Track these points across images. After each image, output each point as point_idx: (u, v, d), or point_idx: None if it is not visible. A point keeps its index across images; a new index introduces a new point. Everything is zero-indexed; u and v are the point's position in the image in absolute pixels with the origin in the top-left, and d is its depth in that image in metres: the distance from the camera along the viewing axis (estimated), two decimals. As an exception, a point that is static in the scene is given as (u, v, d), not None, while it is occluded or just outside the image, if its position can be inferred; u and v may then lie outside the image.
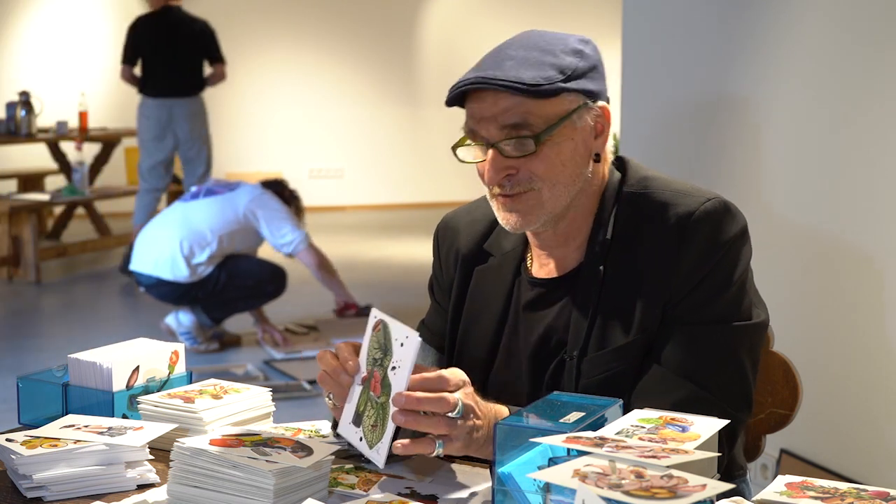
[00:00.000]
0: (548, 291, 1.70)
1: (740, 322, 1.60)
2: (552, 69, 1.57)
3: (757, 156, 3.55)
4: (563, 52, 1.60)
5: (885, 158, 3.01)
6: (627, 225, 1.65)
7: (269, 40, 11.01)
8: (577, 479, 1.15)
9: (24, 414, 1.82)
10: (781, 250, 3.41)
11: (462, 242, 1.81)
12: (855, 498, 1.29)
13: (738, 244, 1.61)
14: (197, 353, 5.44)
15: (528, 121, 1.56)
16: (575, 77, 1.59)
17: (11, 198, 7.79)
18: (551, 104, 1.57)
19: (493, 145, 1.59)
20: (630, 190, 1.67)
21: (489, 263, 1.77)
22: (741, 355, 1.60)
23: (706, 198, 1.62)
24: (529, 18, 11.60)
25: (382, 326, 1.45)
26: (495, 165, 1.59)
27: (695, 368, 1.58)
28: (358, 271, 7.81)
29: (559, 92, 1.57)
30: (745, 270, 1.63)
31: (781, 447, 3.36)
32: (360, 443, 1.45)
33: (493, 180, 1.60)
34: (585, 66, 1.61)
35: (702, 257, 1.59)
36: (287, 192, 5.61)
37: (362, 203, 11.30)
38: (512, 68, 1.57)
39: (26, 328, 6.17)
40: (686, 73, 3.94)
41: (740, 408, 1.60)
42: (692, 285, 1.59)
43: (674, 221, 1.60)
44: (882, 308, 3.04)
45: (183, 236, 5.29)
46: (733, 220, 1.62)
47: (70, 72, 10.27)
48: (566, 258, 1.70)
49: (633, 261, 1.62)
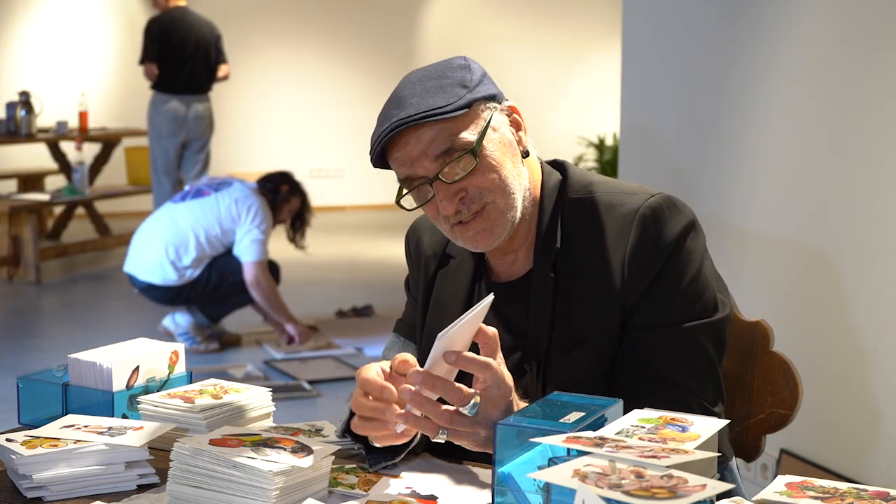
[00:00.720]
0: (502, 295, 1.70)
1: (704, 320, 1.61)
2: (455, 86, 1.60)
3: (757, 155, 3.55)
4: (452, 71, 1.62)
5: (886, 159, 3.01)
6: (575, 230, 1.66)
7: (270, 40, 11.01)
8: (577, 479, 1.15)
9: (24, 414, 1.82)
10: (781, 250, 3.41)
11: (425, 245, 1.84)
12: (855, 498, 1.28)
13: (685, 238, 1.62)
14: (196, 353, 5.44)
15: (456, 142, 1.58)
16: (475, 86, 1.61)
17: (11, 198, 7.78)
18: (469, 118, 1.60)
19: (435, 178, 1.60)
20: (575, 196, 1.69)
21: (450, 266, 1.79)
22: (709, 352, 1.61)
23: (650, 194, 1.64)
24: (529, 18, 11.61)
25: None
26: (446, 195, 1.60)
27: (667, 371, 1.59)
28: (358, 271, 7.82)
29: (471, 103, 1.60)
30: (701, 262, 1.63)
31: (781, 447, 3.36)
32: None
33: (451, 209, 1.60)
34: (478, 76, 1.63)
35: (650, 253, 1.60)
36: (286, 188, 5.58)
37: (362, 203, 11.30)
38: (420, 102, 1.58)
39: (26, 328, 6.17)
40: (686, 73, 3.94)
41: (716, 402, 1.62)
42: (646, 284, 1.60)
43: (620, 221, 1.62)
44: (882, 308, 3.04)
45: (168, 241, 5.30)
46: (679, 214, 1.62)
47: (70, 72, 10.27)
48: (515, 263, 1.72)
49: (583, 264, 1.64)
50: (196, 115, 7.44)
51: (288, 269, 6.46)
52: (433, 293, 1.81)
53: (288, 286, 6.38)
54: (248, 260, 5.34)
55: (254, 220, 5.34)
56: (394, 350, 1.85)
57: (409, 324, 1.89)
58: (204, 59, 7.41)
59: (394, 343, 1.88)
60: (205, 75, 7.44)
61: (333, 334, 5.84)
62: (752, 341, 1.88)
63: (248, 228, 5.33)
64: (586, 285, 1.63)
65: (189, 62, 7.34)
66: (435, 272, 1.81)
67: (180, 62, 7.33)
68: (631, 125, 4.24)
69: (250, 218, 5.34)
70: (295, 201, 5.63)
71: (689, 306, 1.60)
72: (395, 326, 1.92)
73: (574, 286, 1.64)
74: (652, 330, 1.60)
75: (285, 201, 5.58)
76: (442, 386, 1.40)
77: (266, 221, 5.39)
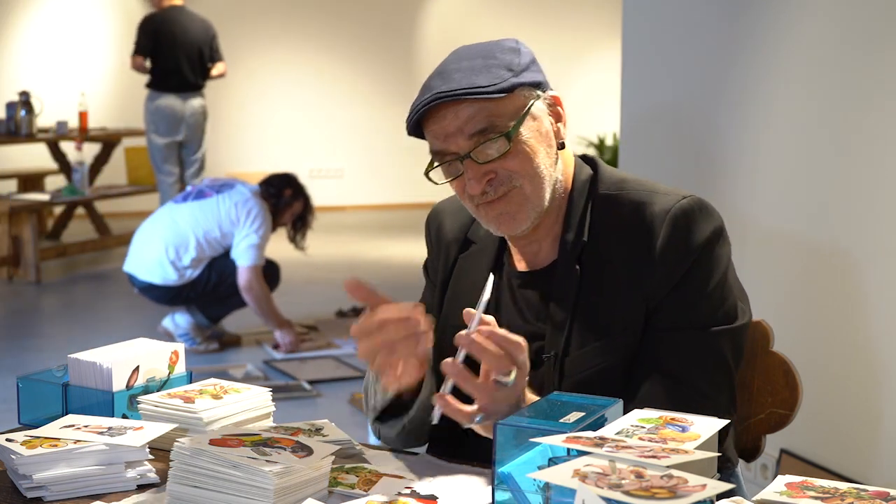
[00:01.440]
0: (523, 284, 1.71)
1: (724, 326, 1.61)
2: (500, 68, 1.60)
3: (757, 155, 3.55)
4: (502, 53, 1.62)
5: (886, 158, 3.01)
6: (603, 225, 1.66)
7: (270, 40, 11.01)
8: (577, 479, 1.15)
9: (24, 414, 1.82)
10: (781, 250, 3.41)
11: (447, 230, 1.83)
12: (855, 498, 1.28)
13: (714, 243, 1.62)
14: (196, 353, 5.45)
15: (494, 123, 1.58)
16: (522, 71, 1.61)
17: (11, 198, 7.79)
18: (510, 101, 1.60)
19: (466, 156, 1.59)
20: (605, 191, 1.68)
21: (471, 251, 1.79)
22: (727, 358, 1.62)
23: (682, 196, 1.64)
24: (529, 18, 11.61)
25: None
26: (475, 175, 1.60)
27: (684, 374, 1.59)
28: (358, 271, 7.82)
29: (514, 88, 1.60)
30: (726, 269, 1.64)
31: (781, 447, 3.36)
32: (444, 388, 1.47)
33: (477, 189, 1.60)
34: (526, 61, 1.63)
35: (678, 254, 1.60)
36: (290, 192, 5.58)
37: (362, 203, 11.30)
38: (463, 79, 1.58)
39: (26, 328, 6.17)
40: (686, 73, 3.94)
41: (728, 410, 1.62)
42: (672, 284, 1.60)
43: (649, 220, 1.62)
44: (882, 308, 3.04)
45: (169, 241, 5.31)
46: (709, 218, 1.63)
47: (70, 72, 10.27)
48: (539, 253, 1.71)
49: (609, 260, 1.64)
50: (192, 111, 7.57)
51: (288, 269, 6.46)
52: (452, 279, 1.80)
53: (288, 286, 6.38)
54: (242, 264, 5.34)
55: (252, 224, 5.33)
56: None
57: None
58: (198, 57, 7.52)
59: None
60: (199, 73, 7.57)
61: (333, 334, 5.84)
62: (752, 341, 1.87)
63: (246, 232, 5.33)
64: (611, 281, 1.62)
65: (183, 61, 7.45)
66: (456, 257, 1.81)
67: (174, 60, 7.44)
68: (631, 125, 4.24)
69: (249, 221, 5.33)
70: (298, 205, 5.63)
71: (711, 311, 1.61)
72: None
73: (599, 281, 1.63)
74: (672, 331, 1.60)
75: (288, 205, 5.58)
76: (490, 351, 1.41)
77: (265, 226, 5.38)
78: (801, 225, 3.35)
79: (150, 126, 7.60)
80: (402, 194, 11.34)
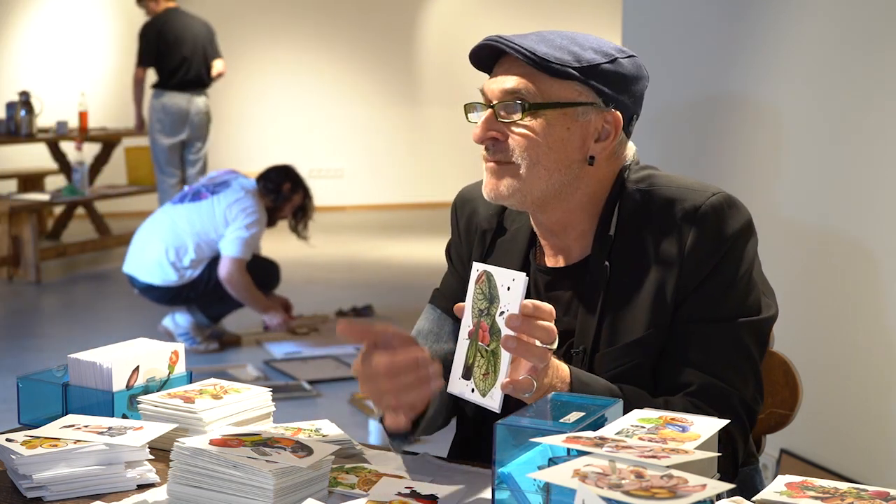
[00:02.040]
0: (554, 280, 1.71)
1: (750, 318, 1.62)
2: (570, 55, 1.60)
3: (757, 155, 3.55)
4: (592, 49, 1.63)
5: (886, 157, 3.01)
6: (632, 221, 1.66)
7: (270, 40, 11.01)
8: (577, 479, 1.15)
9: (24, 414, 1.82)
10: (782, 250, 3.41)
11: (481, 215, 1.82)
12: (855, 498, 1.28)
13: (743, 238, 1.63)
14: (196, 353, 5.44)
15: (526, 89, 1.60)
16: (591, 72, 1.61)
17: (11, 198, 7.78)
18: (559, 86, 1.60)
19: (490, 106, 1.63)
20: (634, 187, 1.68)
21: (506, 236, 1.79)
22: (752, 350, 1.62)
23: (711, 192, 1.64)
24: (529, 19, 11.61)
25: (486, 277, 1.48)
26: (485, 124, 1.63)
27: (710, 365, 1.60)
28: (358, 271, 7.82)
29: (568, 77, 1.60)
30: (752, 263, 1.65)
31: (781, 447, 3.36)
32: (473, 394, 1.47)
33: (478, 137, 1.64)
34: (610, 70, 1.63)
35: (708, 251, 1.60)
36: (288, 186, 5.58)
37: (362, 203, 11.30)
38: (534, 42, 1.61)
39: (26, 328, 6.17)
40: (686, 73, 3.94)
41: (756, 400, 1.63)
42: (700, 279, 1.60)
43: (680, 216, 1.62)
44: (882, 308, 3.04)
45: (168, 242, 5.32)
46: (738, 214, 1.63)
47: (70, 72, 10.27)
48: (569, 249, 1.71)
49: (639, 257, 1.64)
50: (197, 109, 7.59)
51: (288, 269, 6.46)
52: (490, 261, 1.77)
53: (288, 286, 6.37)
54: (226, 254, 5.33)
55: (245, 220, 5.34)
56: (430, 325, 1.82)
57: (446, 295, 1.84)
58: (202, 55, 7.57)
59: (429, 315, 1.84)
60: (203, 71, 7.61)
61: (334, 334, 5.84)
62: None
63: (237, 226, 5.33)
64: (641, 278, 1.63)
65: (187, 60, 7.48)
66: (492, 242, 1.80)
67: (179, 60, 7.46)
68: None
69: (243, 216, 5.34)
70: (297, 198, 5.63)
71: (737, 304, 1.61)
72: (431, 296, 1.87)
73: (628, 277, 1.64)
74: (699, 324, 1.61)
75: (287, 200, 5.58)
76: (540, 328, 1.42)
77: (257, 225, 5.38)
78: (801, 225, 3.35)
79: (156, 125, 7.59)
80: (402, 194, 11.34)
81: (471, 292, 1.50)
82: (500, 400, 1.44)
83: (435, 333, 1.80)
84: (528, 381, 1.43)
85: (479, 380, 1.47)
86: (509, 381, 1.42)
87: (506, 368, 1.44)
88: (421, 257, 8.18)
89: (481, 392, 1.46)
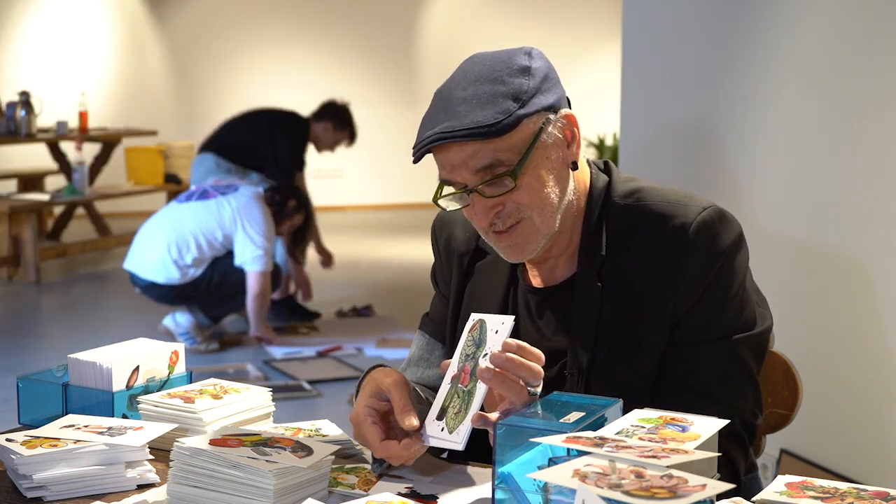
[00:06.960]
0: (541, 300, 1.69)
1: (746, 333, 1.60)
2: (506, 99, 1.52)
3: (756, 156, 3.55)
4: (511, 76, 1.54)
5: (886, 159, 3.01)
6: (622, 238, 1.63)
7: (270, 40, 11.01)
8: (577, 479, 1.15)
9: (24, 414, 1.82)
10: (782, 252, 3.41)
11: (458, 238, 1.79)
12: (855, 498, 1.28)
13: (734, 252, 1.60)
14: (196, 353, 5.45)
15: (499, 159, 1.53)
16: (531, 98, 1.54)
17: (11, 198, 7.78)
18: (516, 134, 1.53)
19: (472, 190, 1.56)
20: (622, 202, 1.65)
21: (486, 260, 1.76)
22: (749, 364, 1.61)
23: (702, 207, 1.60)
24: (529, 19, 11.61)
25: (480, 325, 1.48)
26: (481, 209, 1.56)
27: (708, 385, 1.58)
28: (358, 271, 7.82)
29: (519, 121, 1.52)
30: (745, 276, 1.62)
31: (781, 447, 3.36)
32: (442, 433, 1.45)
33: (485, 222, 1.57)
34: (537, 82, 1.55)
35: (702, 270, 1.58)
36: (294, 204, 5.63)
37: (362, 203, 11.30)
38: (467, 112, 1.51)
39: (26, 328, 6.17)
40: (686, 72, 3.94)
41: (755, 414, 1.62)
42: (695, 299, 1.58)
43: (671, 235, 1.59)
44: (882, 308, 3.04)
45: (171, 240, 5.33)
46: (729, 228, 1.60)
47: (70, 72, 10.27)
48: (555, 268, 1.69)
49: (631, 275, 1.61)
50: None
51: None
52: (469, 286, 1.77)
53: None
54: (253, 269, 5.38)
55: (256, 230, 5.35)
56: (420, 351, 1.82)
57: (435, 319, 1.84)
58: None
59: (419, 342, 1.84)
60: None
61: (334, 334, 5.85)
62: (752, 341, 1.87)
63: (251, 239, 5.35)
64: (634, 297, 1.60)
65: None
66: (471, 265, 1.77)
67: None
68: (631, 125, 4.24)
69: (252, 227, 5.35)
70: (298, 218, 5.69)
71: (731, 321, 1.59)
72: (420, 322, 1.86)
73: (620, 296, 1.61)
74: (695, 345, 1.58)
75: (289, 217, 5.63)
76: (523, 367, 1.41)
77: (269, 231, 5.43)
78: (801, 226, 3.35)
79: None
80: (402, 194, 11.34)
81: (462, 340, 1.49)
82: (466, 436, 1.42)
83: (425, 360, 1.81)
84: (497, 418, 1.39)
85: (450, 418, 1.45)
86: (479, 415, 1.40)
87: (478, 404, 1.42)
88: (421, 257, 8.18)
89: (449, 429, 1.44)
